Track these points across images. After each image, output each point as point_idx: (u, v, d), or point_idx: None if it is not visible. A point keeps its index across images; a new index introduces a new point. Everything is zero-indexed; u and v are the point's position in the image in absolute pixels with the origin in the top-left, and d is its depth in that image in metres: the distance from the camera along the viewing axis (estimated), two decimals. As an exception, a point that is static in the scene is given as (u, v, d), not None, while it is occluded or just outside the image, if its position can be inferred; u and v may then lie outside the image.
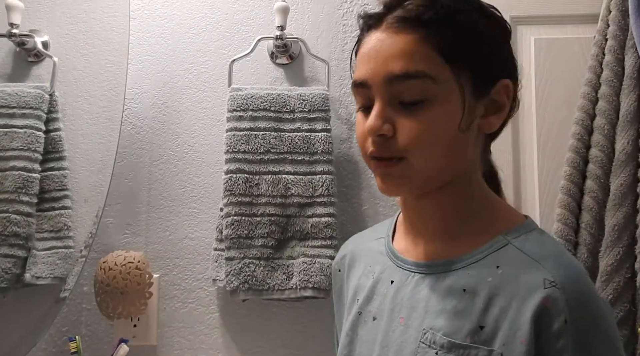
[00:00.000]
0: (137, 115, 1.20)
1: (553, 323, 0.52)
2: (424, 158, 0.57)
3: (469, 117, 0.57)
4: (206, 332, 1.14)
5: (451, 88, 0.56)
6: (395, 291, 0.63)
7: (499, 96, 0.59)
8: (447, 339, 0.56)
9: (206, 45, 1.21)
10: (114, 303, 1.05)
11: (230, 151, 1.07)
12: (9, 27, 1.14)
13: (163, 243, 1.16)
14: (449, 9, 0.56)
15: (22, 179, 1.06)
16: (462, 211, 0.61)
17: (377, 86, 0.57)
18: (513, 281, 0.55)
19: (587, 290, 0.54)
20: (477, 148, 0.62)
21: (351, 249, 0.75)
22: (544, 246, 0.57)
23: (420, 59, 0.55)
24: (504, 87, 0.59)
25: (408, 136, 0.56)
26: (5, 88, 1.11)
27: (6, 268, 1.04)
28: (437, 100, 0.56)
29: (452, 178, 0.60)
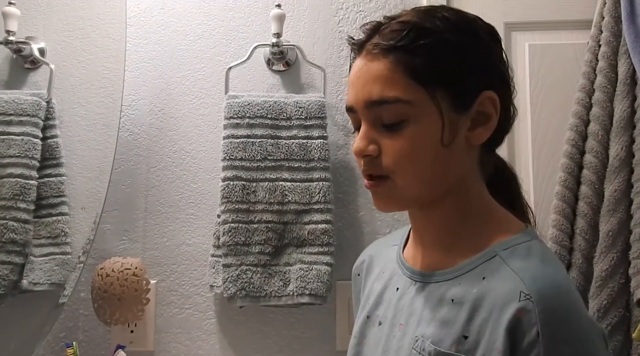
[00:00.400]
0: (134, 122, 1.20)
1: (525, 335, 0.53)
2: (406, 176, 0.59)
3: (450, 132, 0.59)
4: (203, 338, 1.14)
5: (427, 107, 0.58)
6: (398, 298, 0.66)
7: (484, 108, 0.60)
8: (434, 347, 0.58)
9: (203, 52, 1.21)
10: (111, 309, 1.06)
11: (228, 158, 1.07)
12: (6, 35, 1.14)
13: (160, 249, 1.17)
14: (420, 33, 0.58)
15: (20, 186, 1.06)
16: (459, 223, 0.63)
17: (361, 111, 0.61)
18: (494, 293, 0.56)
19: (564, 305, 0.54)
20: (470, 160, 0.63)
21: (370, 254, 0.78)
22: (528, 260, 0.58)
23: (392, 84, 0.58)
24: (487, 98, 0.60)
25: (390, 156, 0.59)
26: (2, 95, 1.12)
27: (3, 275, 1.04)
28: (414, 120, 0.58)
29: (445, 191, 0.62)
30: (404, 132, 0.58)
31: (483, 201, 0.64)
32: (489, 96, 0.60)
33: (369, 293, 0.72)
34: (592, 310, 0.94)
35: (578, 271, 0.98)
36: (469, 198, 0.63)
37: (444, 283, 0.61)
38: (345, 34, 1.21)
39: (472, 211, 0.63)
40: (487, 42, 0.62)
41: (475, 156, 0.63)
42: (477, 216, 0.63)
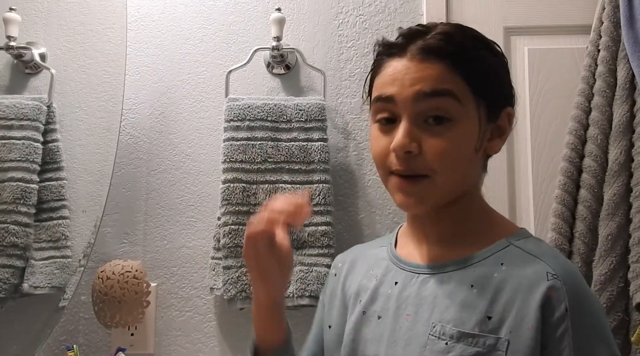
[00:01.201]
0: (135, 125, 1.21)
1: (555, 311, 0.58)
2: (446, 175, 0.62)
3: (482, 139, 0.64)
4: (203, 340, 1.15)
5: (472, 111, 0.62)
6: (400, 291, 0.68)
7: (502, 122, 0.66)
8: (457, 329, 0.61)
9: (203, 56, 1.22)
10: (112, 312, 1.06)
11: (228, 161, 1.08)
12: (7, 40, 1.15)
13: (160, 252, 1.17)
14: (467, 45, 0.63)
15: (20, 190, 1.06)
16: (463, 219, 0.67)
17: (404, 103, 0.61)
18: (517, 276, 0.61)
19: (582, 283, 0.61)
20: (480, 167, 0.68)
21: (351, 257, 0.80)
22: (542, 246, 0.65)
23: (447, 82, 0.61)
24: (507, 114, 0.66)
25: (435, 154, 0.61)
26: (3, 100, 1.12)
27: (4, 278, 1.04)
28: (460, 120, 0.61)
29: (460, 193, 0.66)
30: (449, 131, 0.61)
31: (484, 203, 0.70)
32: (510, 111, 0.66)
33: (359, 291, 0.73)
34: (592, 313, 0.94)
35: (577, 274, 0.99)
36: (475, 201, 0.68)
37: (457, 271, 0.64)
38: (345, 38, 1.22)
39: (476, 209, 0.68)
40: (506, 64, 0.67)
41: (482, 164, 0.69)
42: (480, 212, 0.68)
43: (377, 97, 0.64)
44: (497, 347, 0.59)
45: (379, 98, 0.64)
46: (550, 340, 0.58)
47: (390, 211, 1.17)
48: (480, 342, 0.60)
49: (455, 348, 0.60)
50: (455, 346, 0.60)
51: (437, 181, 0.62)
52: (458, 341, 0.60)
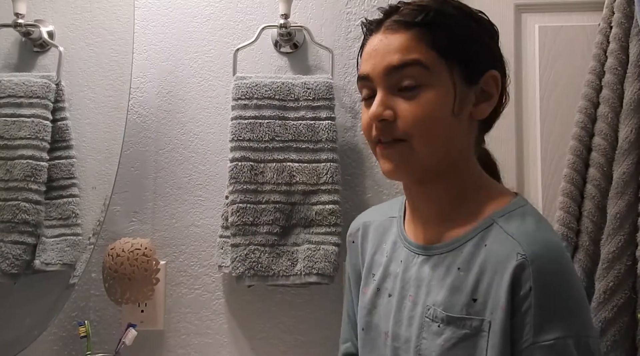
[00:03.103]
0: (143, 104, 1.21)
1: (521, 289, 0.59)
2: (422, 139, 0.64)
3: (460, 103, 0.64)
4: (212, 318, 1.16)
5: (443, 76, 0.63)
6: (403, 271, 0.70)
7: (487, 86, 0.66)
8: (446, 313, 0.63)
9: (210, 34, 1.21)
10: (122, 288, 1.07)
11: (236, 140, 1.08)
12: (15, 17, 1.14)
13: (169, 230, 1.18)
14: (439, 13, 0.65)
15: (31, 167, 1.07)
16: (457, 197, 0.68)
17: (378, 78, 0.65)
18: (495, 257, 0.62)
19: (554, 262, 0.61)
20: (471, 136, 0.68)
21: (363, 222, 0.81)
22: (523, 224, 0.64)
23: (414, 51, 0.63)
24: (492, 77, 0.66)
25: (407, 119, 0.63)
26: (12, 78, 1.12)
27: (16, 255, 1.06)
28: (431, 86, 0.63)
29: (448, 165, 0.66)
30: (421, 97, 0.63)
31: (476, 174, 0.69)
32: (493, 74, 0.66)
33: (372, 265, 0.75)
34: (599, 292, 0.95)
35: (585, 253, 0.99)
36: (466, 173, 0.68)
37: (448, 253, 0.66)
38: (354, 16, 1.20)
39: (469, 185, 0.68)
40: (492, 32, 0.69)
41: (474, 133, 0.69)
42: (474, 188, 0.68)
43: (358, 77, 0.68)
44: (482, 328, 0.61)
45: (359, 77, 0.68)
46: (516, 317, 0.60)
47: (397, 191, 1.17)
48: (467, 324, 0.62)
49: (446, 330, 0.63)
50: (446, 329, 0.63)
51: (414, 145, 0.63)
52: (448, 325, 0.63)
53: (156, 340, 1.15)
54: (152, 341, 1.15)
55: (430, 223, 0.69)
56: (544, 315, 0.59)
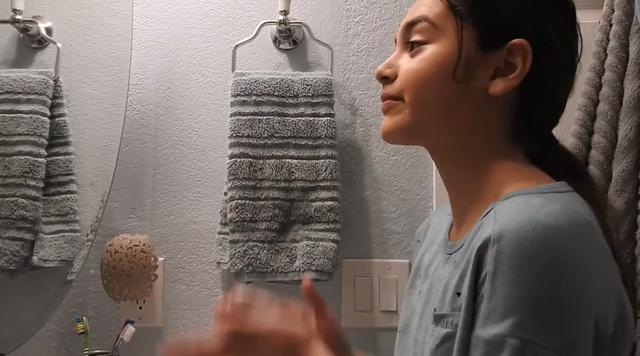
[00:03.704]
0: (141, 100, 1.20)
1: (481, 275, 0.50)
2: (411, 98, 0.59)
3: (466, 68, 0.57)
4: (210, 314, 1.16)
5: (449, 34, 0.58)
6: (433, 273, 0.65)
7: (512, 57, 0.57)
8: (436, 313, 0.57)
9: (209, 31, 1.21)
10: (120, 285, 1.07)
11: (234, 136, 1.08)
12: (13, 13, 1.14)
13: (168, 227, 1.18)
14: None
15: (29, 163, 1.07)
16: (468, 191, 0.61)
17: (398, 35, 0.64)
18: (475, 244, 0.52)
19: (523, 242, 0.48)
20: (490, 115, 0.59)
21: (429, 221, 0.77)
22: (512, 205, 0.52)
23: (429, 7, 0.60)
24: (517, 47, 0.56)
25: (402, 75, 0.60)
26: (10, 74, 1.12)
27: (14, 251, 1.06)
28: (435, 43, 0.59)
29: (452, 141, 0.60)
30: (420, 54, 0.59)
31: (510, 167, 0.58)
32: (518, 43, 0.56)
33: (420, 266, 0.70)
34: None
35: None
36: (486, 159, 0.59)
37: (459, 251, 0.59)
38: (353, 12, 1.20)
39: (490, 176, 0.59)
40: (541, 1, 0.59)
41: (498, 113, 0.59)
42: (497, 182, 0.58)
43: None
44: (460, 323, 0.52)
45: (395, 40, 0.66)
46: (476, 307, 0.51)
47: (396, 188, 1.17)
48: (449, 321, 0.54)
49: (435, 331, 0.56)
50: (435, 330, 0.56)
51: (406, 102, 0.59)
52: (437, 324, 0.56)
53: (154, 336, 1.15)
54: (150, 338, 1.15)
55: (457, 219, 0.64)
56: (492, 304, 0.48)
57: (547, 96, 0.59)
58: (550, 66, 0.58)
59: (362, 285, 1.12)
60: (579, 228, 0.50)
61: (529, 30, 0.57)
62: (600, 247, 0.51)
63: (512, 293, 0.48)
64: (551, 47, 0.58)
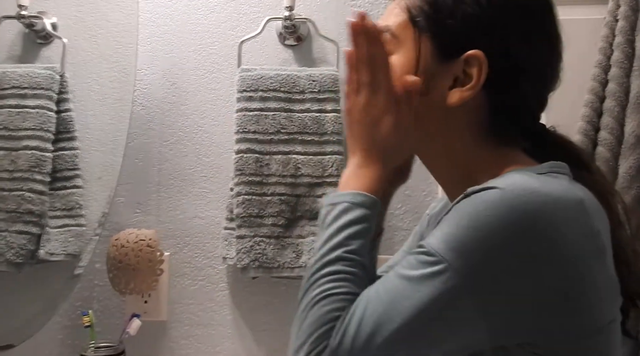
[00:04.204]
0: (147, 96, 1.21)
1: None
2: None
3: (424, 78, 0.58)
4: (215, 309, 1.16)
5: (408, 47, 0.59)
6: None
7: (469, 68, 0.57)
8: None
9: (215, 26, 1.21)
10: (126, 279, 1.07)
11: (241, 131, 1.08)
12: (18, 9, 1.14)
13: (173, 222, 1.18)
14: None
15: (35, 158, 1.07)
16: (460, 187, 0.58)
17: None
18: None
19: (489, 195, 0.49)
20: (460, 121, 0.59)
21: (431, 208, 0.78)
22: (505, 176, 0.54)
23: (392, 17, 0.61)
24: (472, 57, 0.56)
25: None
26: (17, 69, 1.12)
27: (21, 244, 1.06)
28: (395, 54, 0.59)
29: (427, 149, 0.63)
30: None
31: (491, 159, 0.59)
32: (474, 54, 0.56)
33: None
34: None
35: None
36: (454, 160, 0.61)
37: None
38: (358, 7, 1.20)
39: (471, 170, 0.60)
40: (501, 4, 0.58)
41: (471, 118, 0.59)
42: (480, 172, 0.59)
43: None
44: None
45: None
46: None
47: (402, 184, 1.17)
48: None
49: None
50: None
51: None
52: None
53: (159, 330, 1.16)
54: (155, 332, 1.15)
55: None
56: (438, 229, 0.51)
57: (515, 99, 0.59)
58: (512, 72, 0.58)
59: (367, 281, 1.13)
60: (568, 201, 0.50)
61: (485, 40, 0.57)
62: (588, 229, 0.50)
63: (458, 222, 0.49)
64: (511, 54, 0.58)
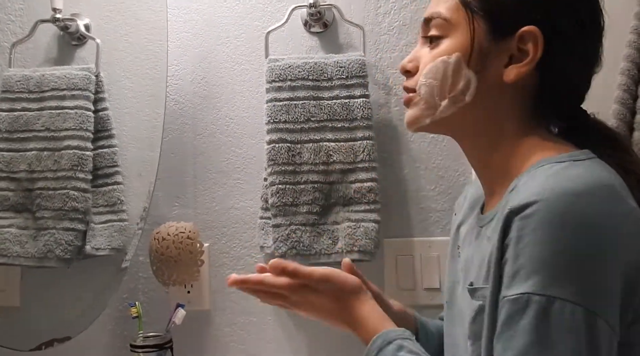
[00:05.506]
0: (179, 91, 1.23)
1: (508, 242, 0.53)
2: (427, 89, 0.63)
3: (480, 57, 0.61)
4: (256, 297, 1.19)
5: (462, 29, 0.62)
6: (469, 243, 0.68)
7: (524, 44, 0.60)
8: (470, 287, 0.61)
9: (241, 18, 1.22)
10: (169, 271, 1.11)
11: (272, 122, 1.09)
12: (53, 12, 1.18)
13: (211, 213, 1.21)
14: None
15: (77, 157, 1.12)
16: (494, 170, 0.65)
17: (420, 31, 0.68)
18: (502, 216, 0.55)
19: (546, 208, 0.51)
20: (507, 100, 0.62)
21: (465, 193, 0.80)
22: (534, 176, 0.56)
23: (442, 2, 0.64)
24: (527, 33, 0.59)
25: (421, 66, 0.65)
26: (55, 71, 1.17)
27: (69, 241, 1.11)
28: (449, 37, 0.63)
29: (471, 124, 0.64)
30: (436, 48, 0.64)
31: (532, 145, 0.62)
32: (530, 30, 0.59)
33: (457, 237, 0.74)
34: None
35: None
36: (505, 140, 0.63)
37: (488, 224, 0.62)
38: (383, -9, 1.19)
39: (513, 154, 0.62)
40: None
41: (521, 97, 0.62)
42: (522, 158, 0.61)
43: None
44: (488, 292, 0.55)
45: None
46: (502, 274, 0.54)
47: (434, 165, 1.16)
48: (482, 294, 0.57)
49: (471, 304, 0.60)
50: (471, 303, 0.60)
51: (421, 93, 0.64)
52: (472, 297, 0.60)
53: (203, 319, 1.19)
54: (200, 321, 1.19)
55: (487, 194, 0.68)
56: (517, 266, 0.51)
57: (564, 78, 0.62)
58: (564, 49, 0.60)
59: (404, 264, 1.13)
60: (600, 190, 0.53)
61: (538, 16, 0.59)
62: (625, 208, 0.53)
63: (535, 253, 0.50)
64: (562, 31, 0.60)
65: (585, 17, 0.61)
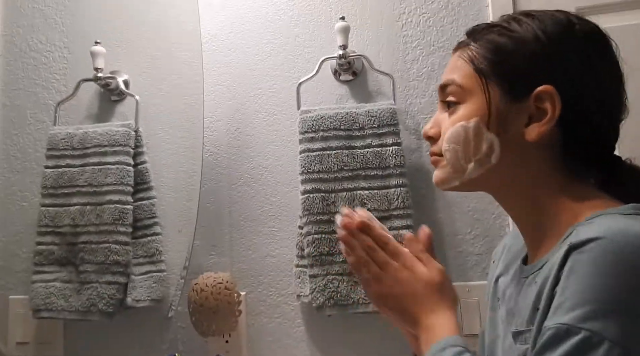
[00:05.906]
0: (214, 142, 1.27)
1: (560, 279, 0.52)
2: (449, 151, 0.64)
3: (499, 120, 0.61)
4: (294, 345, 1.19)
5: (477, 94, 0.62)
6: (509, 296, 0.67)
7: (541, 103, 0.60)
8: (515, 330, 0.60)
9: (272, 70, 1.26)
10: (208, 321, 1.12)
11: (306, 172, 1.11)
12: (95, 72, 1.24)
13: (247, 262, 1.22)
14: (481, 28, 0.64)
15: (118, 211, 1.15)
16: (534, 221, 0.64)
17: (438, 96, 0.68)
18: (558, 257, 0.54)
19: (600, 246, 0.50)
20: (538, 159, 0.61)
21: (505, 243, 0.79)
22: (594, 222, 0.54)
23: (457, 70, 0.64)
24: (543, 93, 0.59)
25: (442, 131, 0.65)
26: (97, 128, 1.22)
27: (111, 294, 1.13)
28: (465, 103, 0.63)
29: (500, 184, 0.65)
30: (455, 114, 0.64)
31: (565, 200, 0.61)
32: (545, 90, 0.59)
33: (497, 288, 0.72)
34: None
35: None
36: (537, 195, 0.63)
37: (537, 272, 0.60)
38: (410, 38, 1.21)
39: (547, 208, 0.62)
40: (560, 38, 0.60)
41: (546, 153, 0.61)
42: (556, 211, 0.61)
43: None
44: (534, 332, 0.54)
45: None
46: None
47: (469, 209, 1.15)
48: (526, 336, 0.56)
49: (515, 349, 0.58)
50: (515, 348, 0.58)
51: (447, 158, 0.64)
52: (515, 341, 0.58)
53: (242, 368, 1.19)
54: (238, 370, 1.19)
55: (531, 249, 0.67)
56: (563, 298, 0.50)
57: (587, 130, 0.61)
58: (583, 103, 0.60)
59: (442, 310, 1.11)
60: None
61: (552, 75, 0.59)
62: None
63: (583, 287, 0.50)
64: (578, 84, 0.59)
65: (601, 69, 0.61)
